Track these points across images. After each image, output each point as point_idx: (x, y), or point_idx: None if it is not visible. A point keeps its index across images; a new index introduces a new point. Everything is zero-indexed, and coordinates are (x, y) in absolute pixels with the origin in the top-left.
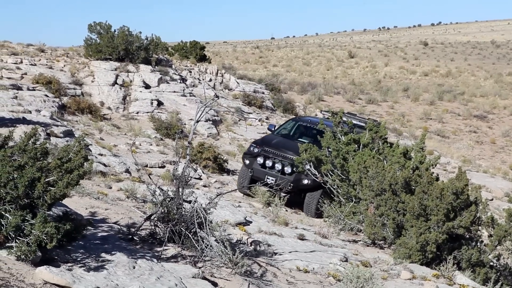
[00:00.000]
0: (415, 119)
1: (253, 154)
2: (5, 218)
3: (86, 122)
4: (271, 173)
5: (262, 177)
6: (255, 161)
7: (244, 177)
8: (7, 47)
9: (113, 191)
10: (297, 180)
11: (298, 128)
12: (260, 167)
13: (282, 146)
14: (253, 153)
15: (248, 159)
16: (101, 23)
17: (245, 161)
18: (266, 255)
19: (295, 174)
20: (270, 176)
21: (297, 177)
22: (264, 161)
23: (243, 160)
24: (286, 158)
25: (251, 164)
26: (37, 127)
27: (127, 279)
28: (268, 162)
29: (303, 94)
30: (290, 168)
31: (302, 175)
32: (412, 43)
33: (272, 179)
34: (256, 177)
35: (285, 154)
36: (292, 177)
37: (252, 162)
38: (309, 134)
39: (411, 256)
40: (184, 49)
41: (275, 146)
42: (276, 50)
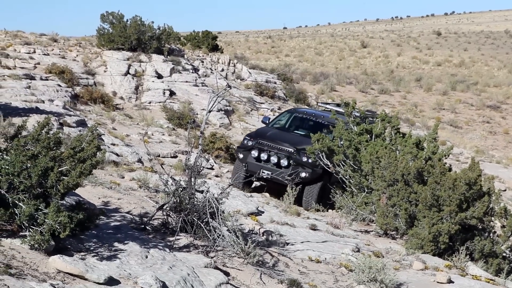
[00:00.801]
0: (427, 109)
1: (247, 147)
2: (19, 207)
3: (98, 112)
4: (266, 166)
5: (257, 171)
6: (249, 155)
7: (238, 172)
8: (20, 37)
9: (126, 181)
10: (294, 173)
11: (294, 120)
12: (255, 161)
13: (277, 138)
14: (247, 146)
15: (242, 153)
16: (113, 13)
17: (239, 155)
18: (278, 245)
19: (292, 167)
20: (266, 170)
21: (294, 169)
22: (259, 154)
23: (237, 154)
24: (282, 151)
25: (245, 158)
26: (50, 116)
27: (140, 268)
28: (263, 155)
29: (315, 84)
30: (287, 161)
31: (299, 167)
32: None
33: (267, 173)
34: (251, 171)
35: (281, 146)
36: (288, 170)
37: (246, 156)
38: (306, 126)
39: (423, 246)
40: (196, 39)
41: (270, 138)
42: (288, 40)
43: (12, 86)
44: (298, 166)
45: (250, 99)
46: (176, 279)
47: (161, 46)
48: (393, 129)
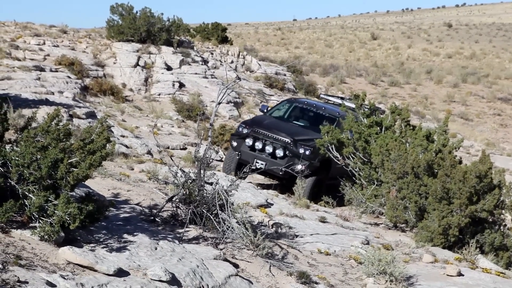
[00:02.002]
0: (438, 101)
1: (241, 135)
2: (29, 198)
3: (108, 103)
4: (260, 156)
5: (250, 161)
6: (244, 143)
7: (230, 162)
8: (30, 29)
9: (135, 173)
10: (290, 165)
11: (294, 110)
12: (249, 150)
13: (275, 127)
14: (242, 134)
15: (236, 141)
16: (123, 5)
17: (233, 143)
18: (287, 238)
19: (288, 158)
20: (260, 160)
21: (290, 161)
22: (253, 143)
23: (230, 142)
24: (278, 140)
25: (239, 146)
26: (59, 108)
27: (149, 260)
28: (258, 144)
29: (325, 76)
30: (282, 152)
31: (295, 159)
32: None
33: (261, 164)
34: (244, 160)
35: (278, 136)
36: (284, 161)
37: (240, 144)
38: (306, 117)
39: (433, 239)
40: (206, 30)
41: (267, 126)
42: (298, 32)
43: (22, 78)
44: (294, 158)
45: (259, 91)
46: (185, 271)
47: (171, 38)
48: (403, 121)
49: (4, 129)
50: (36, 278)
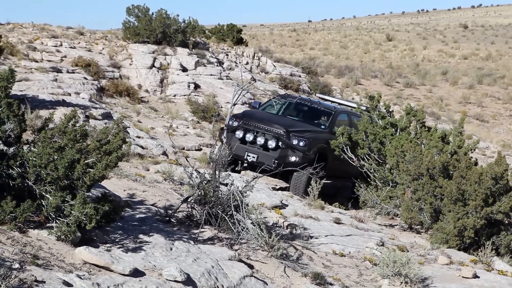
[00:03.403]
0: (453, 103)
1: (231, 128)
2: (46, 198)
3: (124, 104)
4: (252, 149)
5: (241, 154)
6: (234, 136)
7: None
8: (47, 30)
9: (151, 173)
10: (283, 157)
11: (288, 106)
12: (240, 143)
13: (267, 119)
14: (232, 127)
15: (227, 135)
16: (139, 6)
17: (222, 137)
18: (302, 239)
19: (281, 150)
20: (251, 153)
21: (283, 153)
22: (244, 135)
23: (220, 137)
24: (270, 132)
25: (229, 140)
26: (76, 109)
27: (165, 260)
28: (249, 136)
29: (340, 77)
30: (275, 142)
31: (289, 150)
32: (452, 25)
33: (253, 156)
34: (235, 154)
35: (270, 127)
36: (276, 153)
37: (231, 137)
38: (300, 112)
39: (448, 241)
40: (221, 32)
41: (259, 119)
42: (313, 33)
43: (39, 79)
44: (287, 149)
45: (274, 93)
46: (200, 271)
47: (186, 39)
48: (419, 123)
49: (22, 130)
50: (53, 277)
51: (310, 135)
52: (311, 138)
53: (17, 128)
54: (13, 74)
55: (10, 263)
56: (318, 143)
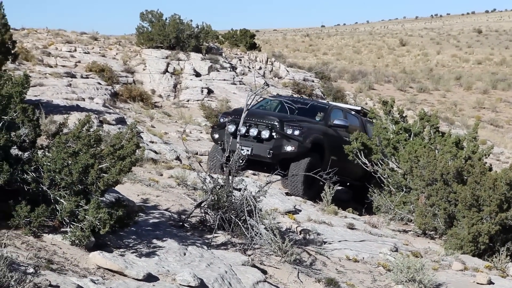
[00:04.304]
0: (467, 108)
1: (222, 125)
2: (60, 203)
3: (137, 109)
4: (245, 142)
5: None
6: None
7: (214, 156)
8: (61, 36)
9: (164, 178)
10: (278, 147)
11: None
12: (232, 137)
13: (259, 113)
14: (223, 124)
15: (218, 132)
16: (152, 11)
17: (214, 135)
18: (315, 244)
19: (275, 140)
20: (245, 146)
21: (278, 143)
22: (236, 128)
23: (212, 135)
24: (263, 123)
25: (221, 136)
26: (90, 114)
27: (178, 265)
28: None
29: (353, 82)
30: (268, 133)
31: (283, 140)
32: (465, 30)
33: (247, 149)
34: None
35: (263, 119)
36: (271, 144)
37: (222, 134)
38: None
39: (462, 247)
40: (234, 37)
41: (251, 113)
42: (326, 38)
43: (53, 84)
44: (282, 139)
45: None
46: (214, 277)
47: (199, 45)
48: (432, 128)
49: (37, 135)
50: (67, 282)
51: (305, 124)
52: (306, 128)
53: (32, 133)
54: (28, 80)
55: (25, 267)
56: (314, 133)
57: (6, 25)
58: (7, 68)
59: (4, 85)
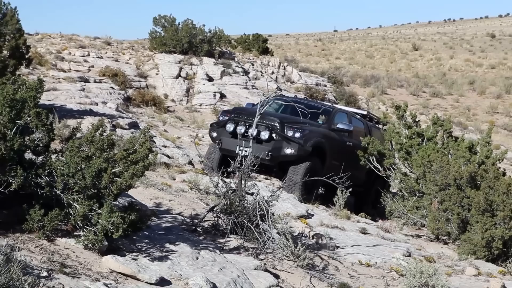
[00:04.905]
0: (481, 112)
1: (221, 123)
2: (73, 207)
3: (150, 114)
4: (243, 142)
5: (233, 149)
6: (224, 130)
7: (210, 155)
8: (75, 40)
9: (177, 183)
10: (277, 149)
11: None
12: (231, 137)
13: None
14: (221, 122)
15: (216, 131)
16: (165, 16)
17: (212, 133)
18: (328, 249)
19: (275, 142)
20: (243, 147)
21: (277, 144)
22: (235, 128)
23: (210, 134)
24: (263, 123)
25: (219, 135)
26: (103, 118)
27: (191, 270)
28: (240, 128)
29: (366, 87)
30: (268, 133)
31: (283, 142)
32: (479, 35)
33: (245, 150)
34: (225, 150)
35: (263, 119)
36: (270, 145)
37: (221, 132)
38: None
39: (476, 252)
40: (247, 41)
41: (251, 112)
42: (338, 42)
43: (67, 89)
44: (282, 141)
45: None
46: (226, 281)
47: (212, 49)
48: (445, 132)
49: (50, 139)
50: (80, 286)
51: (306, 127)
52: (308, 130)
53: (46, 138)
54: (41, 84)
55: (38, 271)
56: (316, 137)
57: (20, 30)
58: (21, 73)
59: (19, 89)
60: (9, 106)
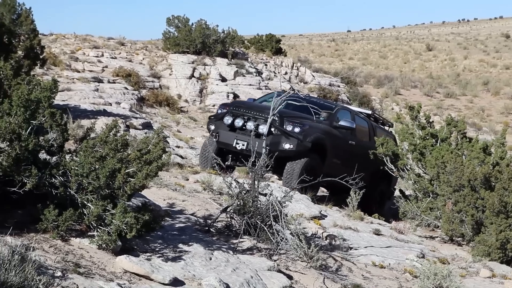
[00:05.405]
0: (495, 113)
1: (220, 115)
2: (87, 207)
3: (163, 114)
4: (241, 136)
5: (230, 142)
6: (222, 123)
7: (206, 149)
8: (89, 41)
9: (190, 183)
10: (275, 144)
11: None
12: (228, 130)
13: (258, 106)
14: (220, 114)
15: (214, 123)
16: (179, 17)
17: (210, 126)
18: (341, 250)
19: (273, 136)
20: (240, 140)
21: (275, 139)
22: (233, 120)
23: (208, 126)
24: (262, 116)
25: (217, 128)
26: (117, 119)
27: (204, 270)
28: (238, 121)
29: (379, 87)
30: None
31: (282, 137)
32: (493, 35)
33: (242, 144)
34: (222, 143)
35: (261, 113)
36: (268, 139)
37: (219, 125)
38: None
39: (490, 254)
40: (260, 42)
41: (250, 106)
42: (352, 43)
43: (81, 89)
44: (280, 136)
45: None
46: (239, 282)
47: (225, 50)
48: (459, 133)
49: (64, 140)
50: (94, 286)
51: (306, 122)
52: (308, 125)
53: (60, 138)
54: (56, 85)
55: (53, 271)
56: (316, 132)
57: (34, 31)
58: (35, 73)
59: (33, 90)
60: (24, 106)
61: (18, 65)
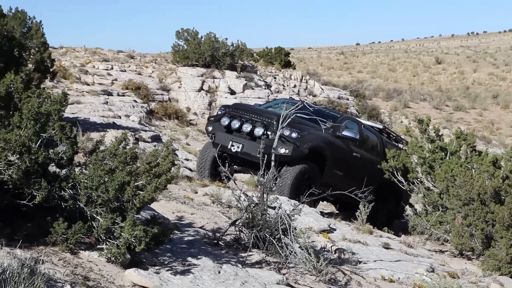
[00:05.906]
0: (505, 126)
1: (218, 117)
2: (96, 220)
3: (173, 127)
4: (237, 138)
5: (225, 144)
6: (219, 125)
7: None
8: (98, 54)
9: (199, 196)
10: (270, 147)
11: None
12: (225, 131)
13: (259, 109)
14: (219, 116)
15: (212, 124)
16: (188, 30)
17: (208, 128)
18: (350, 263)
19: (269, 140)
20: (236, 142)
21: (271, 142)
22: (230, 122)
23: (206, 128)
24: (259, 119)
25: (214, 129)
26: (126, 132)
27: (213, 284)
28: (235, 122)
29: (388, 100)
30: (262, 130)
31: (278, 141)
32: (503, 48)
33: (237, 146)
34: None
35: (259, 116)
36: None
37: (216, 127)
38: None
39: (500, 268)
40: (269, 55)
41: (250, 108)
42: (361, 56)
43: (90, 102)
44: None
45: None
46: None
47: (234, 63)
48: (469, 147)
49: (74, 152)
50: None
51: (305, 127)
52: (306, 131)
53: (69, 151)
54: (66, 98)
55: (62, 284)
56: (315, 140)
57: (45, 44)
58: (46, 86)
59: (43, 103)
60: (34, 119)
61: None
